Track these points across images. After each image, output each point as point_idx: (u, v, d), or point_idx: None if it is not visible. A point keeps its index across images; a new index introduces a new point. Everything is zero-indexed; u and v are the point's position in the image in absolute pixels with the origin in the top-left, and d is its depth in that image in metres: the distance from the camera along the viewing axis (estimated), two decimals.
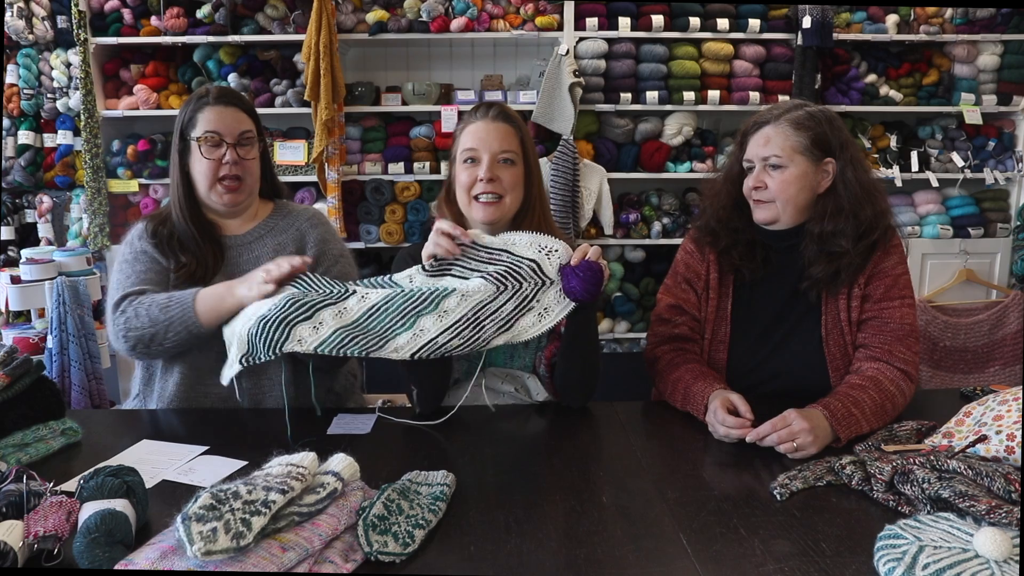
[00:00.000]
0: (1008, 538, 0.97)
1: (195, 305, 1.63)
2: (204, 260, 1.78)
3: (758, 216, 1.73)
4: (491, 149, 1.67)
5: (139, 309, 1.68)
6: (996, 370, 3.63)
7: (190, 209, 1.80)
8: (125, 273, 1.78)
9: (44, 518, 1.06)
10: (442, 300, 1.46)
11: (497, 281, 1.47)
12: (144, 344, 1.68)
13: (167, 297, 1.67)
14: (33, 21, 3.65)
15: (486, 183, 1.66)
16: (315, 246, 1.86)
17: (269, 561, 0.98)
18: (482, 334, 1.45)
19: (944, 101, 3.83)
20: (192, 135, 1.77)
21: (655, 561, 1.07)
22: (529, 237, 1.52)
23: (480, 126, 1.70)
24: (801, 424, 1.42)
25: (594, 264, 1.47)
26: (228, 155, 1.76)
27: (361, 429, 1.57)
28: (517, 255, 1.50)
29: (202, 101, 1.79)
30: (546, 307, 1.48)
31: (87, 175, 3.64)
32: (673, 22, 3.68)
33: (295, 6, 3.64)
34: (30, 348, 2.95)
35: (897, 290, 1.69)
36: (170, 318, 1.64)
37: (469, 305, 1.46)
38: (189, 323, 1.63)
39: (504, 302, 1.47)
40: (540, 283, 1.48)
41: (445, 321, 1.45)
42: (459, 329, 1.44)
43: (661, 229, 3.81)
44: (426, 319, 1.45)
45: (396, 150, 3.76)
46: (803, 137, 1.67)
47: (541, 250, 1.49)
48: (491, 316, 1.46)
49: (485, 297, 1.47)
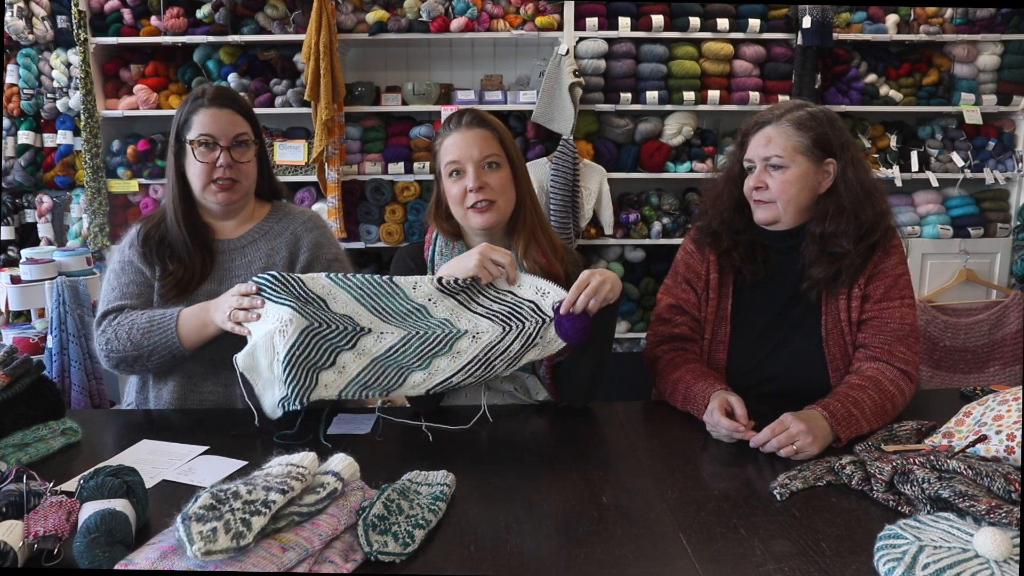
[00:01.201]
0: (1008, 538, 0.97)
1: (178, 331, 1.64)
2: (192, 266, 1.76)
3: (759, 216, 1.73)
4: (473, 157, 1.66)
5: (119, 331, 1.69)
6: (996, 370, 3.63)
7: (185, 211, 1.79)
8: (111, 284, 1.79)
9: (44, 518, 1.06)
10: (455, 342, 1.51)
11: (503, 323, 1.51)
12: (127, 364, 1.71)
13: (148, 321, 1.67)
14: (33, 21, 3.65)
15: (476, 192, 1.65)
16: (308, 250, 1.84)
17: (269, 561, 0.98)
18: (492, 371, 1.50)
19: (944, 101, 3.83)
20: (187, 137, 1.76)
21: (655, 561, 1.07)
22: (529, 279, 1.54)
23: (457, 137, 1.68)
24: (798, 427, 1.42)
25: (582, 318, 1.48)
26: (222, 158, 1.75)
27: (361, 429, 1.57)
28: (518, 296, 1.53)
29: (197, 103, 1.77)
30: (547, 342, 1.52)
31: (87, 175, 3.64)
32: (673, 22, 3.67)
33: (295, 6, 3.64)
34: (30, 348, 2.95)
35: (897, 290, 1.69)
36: (154, 343, 1.66)
37: (480, 346, 1.50)
38: (173, 348, 1.65)
39: (512, 341, 1.50)
40: (541, 321, 1.51)
41: (458, 362, 1.50)
42: (472, 369, 1.50)
43: (661, 229, 3.81)
44: (441, 360, 1.51)
45: (396, 150, 3.76)
46: (804, 137, 1.67)
47: (537, 292, 1.52)
48: (501, 356, 1.50)
49: (494, 338, 1.50)
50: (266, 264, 1.81)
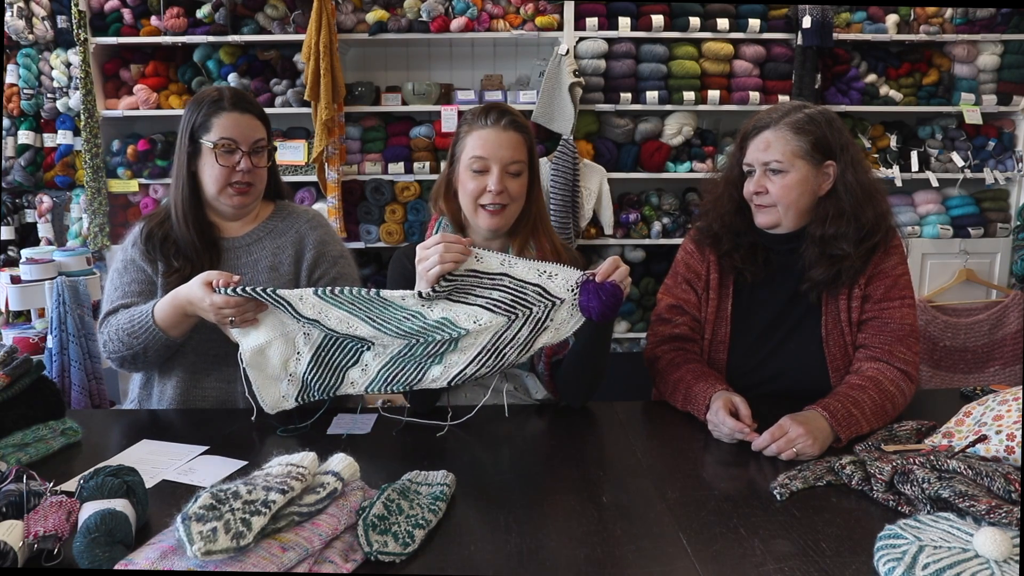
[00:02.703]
0: (1008, 538, 0.97)
1: (158, 325, 1.64)
2: (199, 264, 1.76)
3: (760, 221, 1.73)
4: (502, 160, 1.65)
5: (110, 333, 1.70)
6: (996, 370, 3.63)
7: (193, 210, 1.79)
8: (113, 284, 1.80)
9: (44, 518, 1.06)
10: (458, 342, 1.51)
11: (507, 311, 1.49)
12: (129, 362, 1.73)
13: (129, 321, 1.67)
14: (33, 21, 3.65)
15: (495, 194, 1.65)
16: (314, 248, 1.86)
17: (269, 561, 0.98)
18: (504, 360, 1.50)
19: (944, 101, 3.83)
20: (205, 139, 1.74)
21: (655, 561, 1.07)
22: (525, 263, 1.51)
23: (491, 134, 1.66)
24: (797, 430, 1.42)
25: (617, 289, 1.45)
26: (243, 163, 1.75)
27: (361, 429, 1.57)
28: (518, 279, 1.50)
29: (218, 105, 1.75)
30: (559, 323, 1.50)
31: (87, 175, 3.64)
32: (673, 22, 3.68)
33: (295, 6, 3.64)
34: (30, 348, 2.95)
35: (897, 290, 1.69)
36: (143, 341, 1.66)
37: (486, 338, 1.50)
38: (161, 340, 1.66)
39: (519, 328, 1.49)
40: (550, 304, 1.49)
41: (467, 355, 1.51)
42: (483, 359, 1.50)
43: (661, 229, 3.81)
44: (452, 356, 1.52)
45: (396, 150, 3.76)
46: (803, 141, 1.66)
47: (542, 274, 1.50)
48: (510, 343, 1.50)
49: (500, 327, 1.50)
50: (272, 263, 1.82)
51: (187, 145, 1.77)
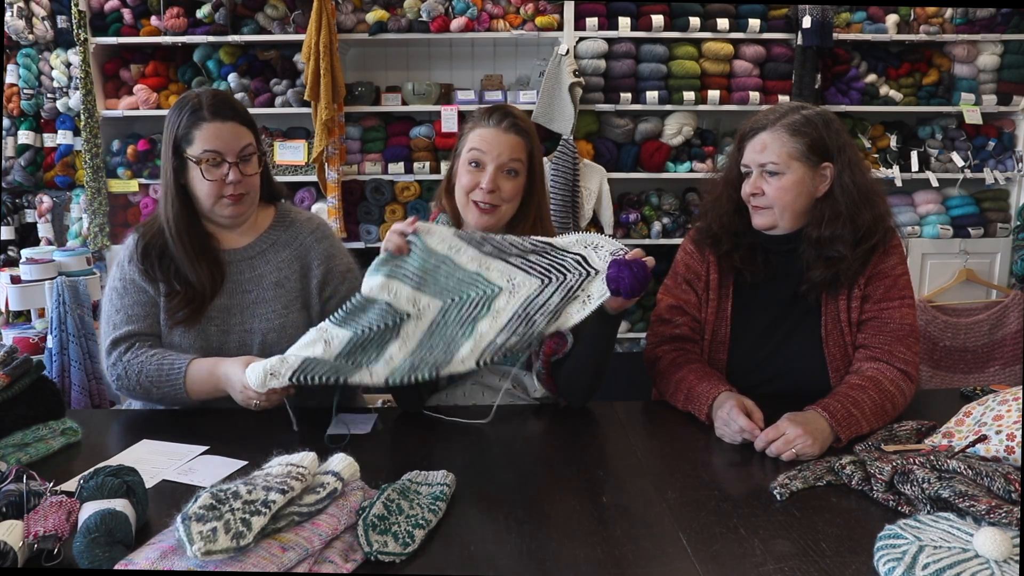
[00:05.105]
0: (1008, 538, 0.98)
1: (186, 387, 1.62)
2: (200, 283, 1.71)
3: (757, 222, 1.73)
4: (498, 159, 1.66)
5: (130, 371, 1.65)
6: (996, 370, 3.63)
7: (187, 226, 1.72)
8: (115, 306, 1.73)
9: (44, 518, 1.06)
10: (493, 301, 1.47)
11: (542, 275, 1.48)
12: (137, 398, 1.73)
13: (157, 370, 1.63)
14: (33, 21, 3.65)
15: (487, 192, 1.65)
16: (322, 263, 1.81)
17: (269, 561, 0.98)
18: (534, 328, 1.45)
19: (944, 101, 3.83)
20: (190, 153, 1.66)
21: (655, 561, 1.07)
22: (578, 236, 1.51)
23: (491, 133, 1.68)
24: (795, 431, 1.41)
25: (647, 268, 1.45)
26: (231, 174, 1.67)
27: (361, 429, 1.57)
28: (562, 249, 1.49)
29: (197, 115, 1.66)
30: (589, 294, 1.47)
31: (87, 175, 3.64)
32: (673, 22, 3.67)
33: (295, 6, 3.64)
34: (30, 348, 2.95)
35: (897, 290, 1.69)
36: (163, 393, 1.64)
37: (518, 301, 1.46)
38: (181, 400, 1.64)
39: (551, 294, 1.47)
40: (586, 274, 1.47)
41: (499, 321, 1.46)
42: (514, 327, 1.45)
43: (661, 229, 3.81)
44: (483, 323, 1.46)
45: (396, 150, 3.76)
46: (800, 143, 1.66)
47: (588, 245, 1.49)
48: (540, 309, 1.46)
49: (532, 291, 1.47)
50: (277, 278, 1.78)
51: (172, 159, 1.69)
